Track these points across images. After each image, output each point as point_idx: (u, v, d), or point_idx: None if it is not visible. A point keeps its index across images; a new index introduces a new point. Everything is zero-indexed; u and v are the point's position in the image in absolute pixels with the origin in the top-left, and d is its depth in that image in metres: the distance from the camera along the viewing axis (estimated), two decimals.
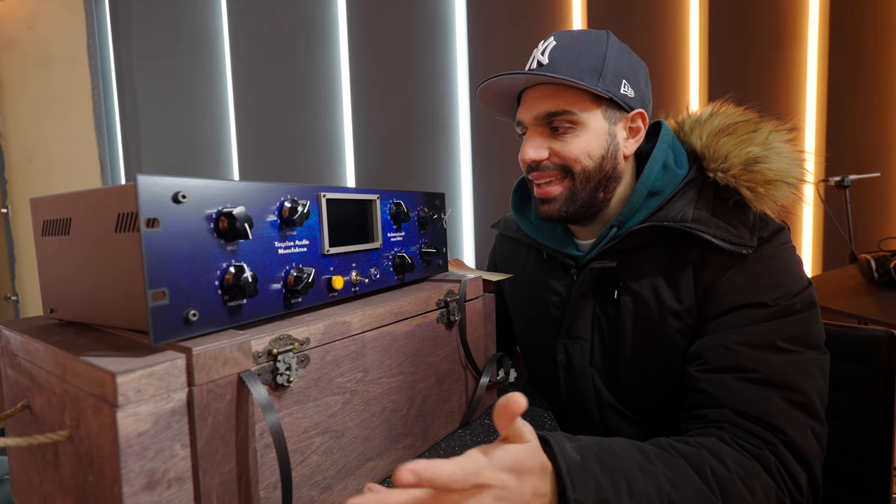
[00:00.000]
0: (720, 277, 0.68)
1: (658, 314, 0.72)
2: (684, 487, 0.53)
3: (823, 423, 0.64)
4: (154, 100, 2.57)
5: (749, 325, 0.65)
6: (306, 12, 2.37)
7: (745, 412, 0.62)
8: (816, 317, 0.68)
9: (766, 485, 0.57)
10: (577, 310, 0.79)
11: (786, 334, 0.64)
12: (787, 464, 0.59)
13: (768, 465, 0.59)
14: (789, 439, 0.60)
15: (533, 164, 0.76)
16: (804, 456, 0.60)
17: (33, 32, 2.49)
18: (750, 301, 0.66)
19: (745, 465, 0.58)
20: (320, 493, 0.54)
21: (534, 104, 0.75)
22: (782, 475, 0.59)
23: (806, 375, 0.64)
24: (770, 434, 0.61)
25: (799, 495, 0.59)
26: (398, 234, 0.70)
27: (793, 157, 0.71)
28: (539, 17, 2.17)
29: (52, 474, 0.47)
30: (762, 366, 0.63)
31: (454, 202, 2.32)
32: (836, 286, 1.49)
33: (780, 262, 0.68)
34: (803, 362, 0.64)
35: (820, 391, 0.64)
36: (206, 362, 0.42)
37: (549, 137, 0.75)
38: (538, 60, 0.74)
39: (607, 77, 0.72)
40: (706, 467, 0.55)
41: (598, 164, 0.74)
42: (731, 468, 0.56)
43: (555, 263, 0.85)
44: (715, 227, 0.68)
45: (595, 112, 0.73)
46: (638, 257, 0.74)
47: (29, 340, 0.49)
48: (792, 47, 2.00)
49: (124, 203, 0.44)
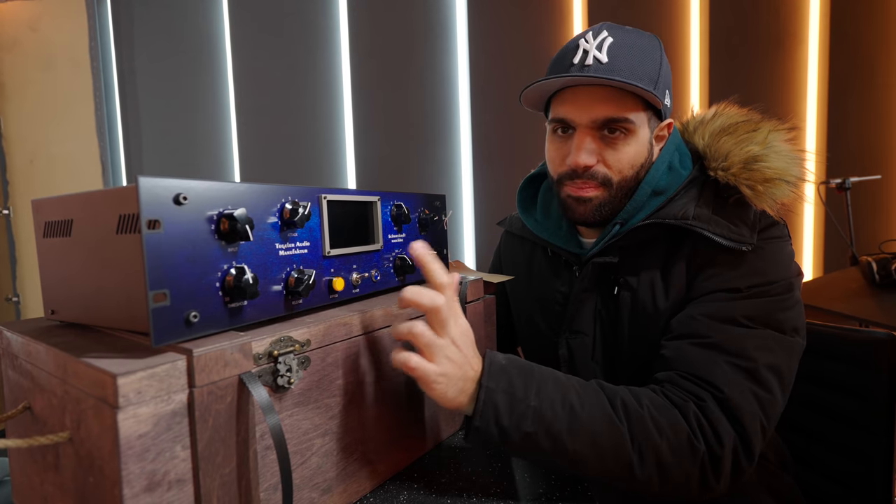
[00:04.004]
0: (708, 269, 0.69)
1: (653, 309, 0.73)
2: (590, 404, 0.57)
3: (772, 393, 0.62)
4: (156, 102, 2.58)
5: (717, 302, 0.67)
6: (307, 14, 2.38)
7: (688, 372, 0.63)
8: (793, 303, 0.68)
9: (678, 427, 0.58)
10: (579, 305, 0.80)
11: (750, 313, 0.65)
12: (712, 417, 0.59)
13: (687, 413, 0.59)
14: (724, 396, 0.60)
15: (581, 170, 0.73)
16: (736, 414, 0.59)
17: (36, 34, 2.50)
18: (725, 287, 0.67)
19: (661, 406, 0.59)
20: (321, 495, 0.54)
21: (590, 106, 0.71)
22: (701, 425, 0.58)
23: (760, 347, 0.63)
24: (703, 390, 0.61)
25: (719, 448, 0.58)
26: (399, 236, 0.70)
27: (792, 156, 0.71)
28: (539, 18, 2.18)
29: (53, 476, 0.47)
30: (717, 333, 0.64)
31: (455, 204, 2.32)
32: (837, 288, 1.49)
33: (765, 253, 0.69)
34: (762, 336, 0.64)
35: (774, 364, 0.63)
36: (206, 364, 0.42)
37: (601, 143, 0.72)
38: (595, 56, 0.69)
39: (660, 85, 0.71)
40: (618, 398, 0.59)
41: (636, 174, 0.74)
42: (643, 405, 0.59)
43: (559, 260, 0.86)
44: (715, 225, 0.69)
45: (644, 120, 0.72)
46: (639, 254, 0.75)
47: (30, 342, 0.49)
48: (792, 49, 2.00)
49: (125, 204, 0.44)
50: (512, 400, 0.55)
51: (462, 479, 0.62)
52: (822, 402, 0.91)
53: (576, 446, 0.55)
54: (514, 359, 0.59)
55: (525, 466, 0.66)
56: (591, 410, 0.57)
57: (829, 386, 0.90)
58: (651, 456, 0.56)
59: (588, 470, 0.57)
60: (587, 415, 0.57)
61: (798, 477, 0.84)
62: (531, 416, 0.55)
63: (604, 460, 0.56)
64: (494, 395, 0.55)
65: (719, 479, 0.58)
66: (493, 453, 0.69)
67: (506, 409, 0.55)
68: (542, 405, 0.56)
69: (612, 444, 0.56)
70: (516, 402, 0.55)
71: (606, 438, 0.56)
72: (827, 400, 0.90)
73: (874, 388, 0.83)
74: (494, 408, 0.55)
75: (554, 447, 0.56)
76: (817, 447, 0.91)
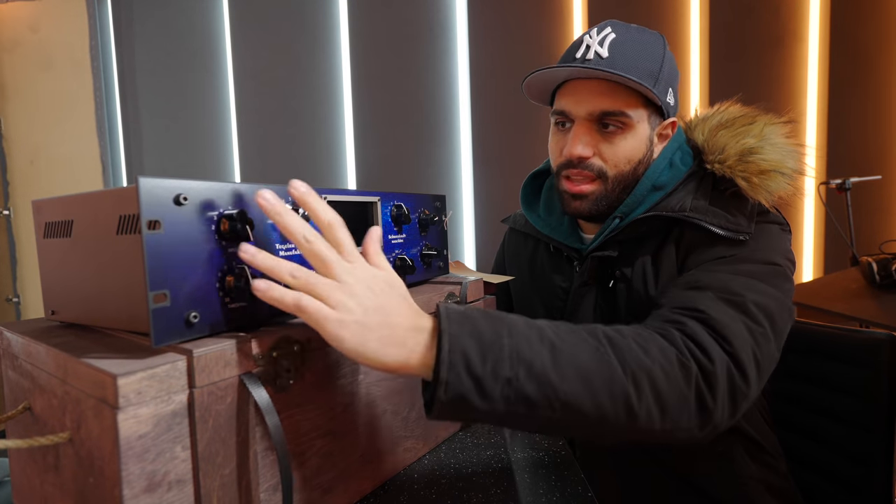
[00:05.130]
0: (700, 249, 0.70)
1: (646, 297, 0.73)
2: (569, 337, 0.49)
3: (763, 327, 0.58)
4: (156, 102, 2.58)
5: (707, 265, 0.67)
6: (307, 14, 2.38)
7: (674, 306, 0.60)
8: (785, 277, 0.66)
9: (665, 349, 0.52)
10: (579, 298, 0.81)
11: (739, 271, 0.64)
12: (697, 336, 0.54)
13: (671, 336, 0.54)
14: (707, 316, 0.55)
15: (576, 161, 0.75)
16: (724, 333, 0.54)
17: (36, 35, 2.50)
18: (713, 258, 0.68)
19: (643, 334, 0.53)
20: (321, 496, 0.54)
21: (587, 98, 0.73)
22: (686, 345, 0.53)
23: (750, 288, 0.61)
24: (687, 317, 0.57)
25: (709, 364, 0.52)
26: (399, 237, 0.70)
27: (788, 149, 0.72)
28: (540, 18, 2.18)
29: (53, 476, 0.47)
30: (705, 276, 0.64)
31: (455, 204, 2.32)
32: (838, 289, 1.49)
33: (758, 235, 0.69)
34: (752, 284, 0.62)
35: (763, 304, 0.59)
36: (206, 364, 0.42)
37: (597, 135, 0.74)
38: (596, 51, 0.71)
39: (661, 82, 0.72)
40: (598, 330, 0.52)
41: (633, 169, 0.76)
42: (625, 334, 0.52)
43: (560, 256, 0.87)
44: (713, 216, 0.69)
45: (644, 116, 0.74)
46: (636, 247, 0.76)
47: (30, 342, 0.49)
48: (793, 48, 2.00)
49: (126, 205, 0.44)
50: (482, 342, 0.45)
51: (462, 480, 0.62)
52: (823, 402, 0.91)
53: (565, 386, 0.46)
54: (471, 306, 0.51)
55: (525, 466, 0.65)
56: (573, 343, 0.49)
57: (830, 386, 0.90)
58: (646, 382, 0.49)
59: (584, 418, 0.48)
60: (569, 347, 0.48)
61: (798, 477, 0.84)
62: (508, 357, 0.45)
63: (599, 399, 0.47)
64: (461, 340, 0.44)
65: (716, 398, 0.52)
66: (493, 454, 0.68)
67: (477, 354, 0.44)
68: (518, 343, 0.46)
69: (604, 375, 0.48)
70: (488, 345, 0.45)
71: (596, 371, 0.48)
72: (827, 400, 0.90)
73: (874, 388, 0.83)
74: (463, 354, 0.44)
75: (540, 392, 0.45)
76: (817, 447, 0.91)
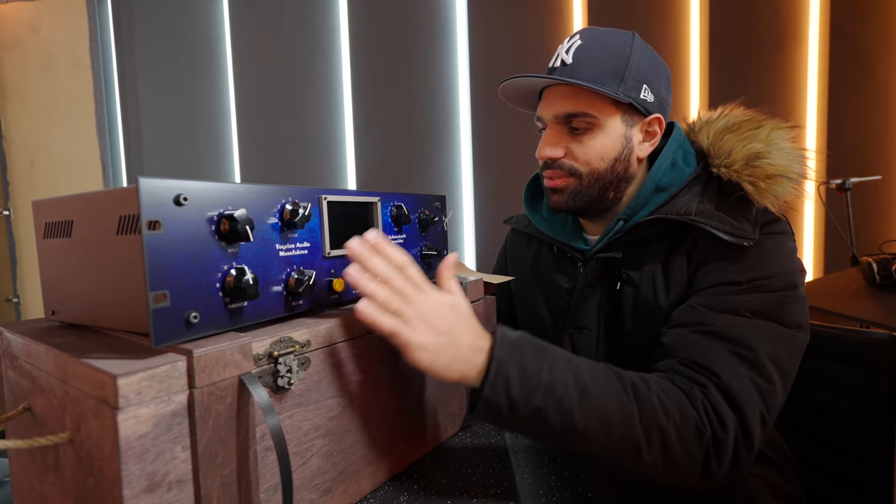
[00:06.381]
0: (709, 263, 0.70)
1: (655, 304, 0.73)
2: (601, 383, 0.57)
3: (773, 384, 0.62)
4: (156, 102, 2.58)
5: (718, 295, 0.67)
6: (307, 14, 2.38)
7: (689, 359, 0.63)
8: (796, 299, 0.67)
9: (686, 412, 0.58)
10: (583, 300, 0.81)
11: (751, 305, 0.65)
12: (716, 404, 0.59)
13: (694, 399, 0.59)
14: (723, 383, 0.60)
15: (549, 161, 0.78)
16: (737, 401, 0.59)
17: (36, 35, 2.50)
18: (726, 280, 0.68)
19: (669, 391, 0.59)
20: (321, 496, 0.54)
21: (554, 103, 0.77)
22: (707, 411, 0.59)
23: (761, 338, 0.63)
24: (705, 378, 0.61)
25: (723, 433, 0.58)
26: (399, 237, 0.70)
27: (794, 154, 0.72)
28: (540, 19, 2.18)
29: (53, 477, 0.47)
30: (717, 321, 0.65)
31: (455, 204, 2.32)
32: (838, 289, 1.49)
33: (766, 248, 0.69)
34: (763, 327, 0.64)
35: (775, 355, 0.63)
36: (206, 364, 0.42)
37: (567, 136, 0.77)
38: (562, 59, 0.75)
39: (629, 81, 0.73)
40: (628, 380, 0.59)
41: (611, 167, 0.76)
42: (652, 389, 0.59)
43: (563, 257, 0.87)
44: (718, 220, 0.69)
45: (614, 115, 0.75)
46: (641, 250, 0.76)
47: (30, 342, 0.49)
48: (793, 49, 2.00)
49: (126, 205, 0.44)
50: (524, 373, 0.55)
51: (462, 480, 0.62)
52: (823, 402, 0.91)
53: (585, 424, 0.55)
54: (525, 334, 0.60)
55: (525, 467, 0.66)
56: (603, 389, 0.57)
57: (830, 386, 0.90)
58: (658, 438, 0.56)
59: (593, 449, 0.57)
60: (598, 393, 0.56)
61: (799, 476, 0.84)
62: (542, 391, 0.55)
63: (611, 440, 0.56)
64: (506, 367, 0.55)
65: (721, 464, 0.58)
66: (493, 454, 0.69)
67: (517, 382, 0.54)
68: (555, 380, 0.55)
69: (622, 424, 0.56)
70: (528, 376, 0.55)
71: (616, 418, 0.56)
72: (827, 400, 0.90)
73: (875, 388, 0.83)
74: (506, 379, 0.54)
75: (563, 424, 0.55)
76: (818, 447, 0.91)
